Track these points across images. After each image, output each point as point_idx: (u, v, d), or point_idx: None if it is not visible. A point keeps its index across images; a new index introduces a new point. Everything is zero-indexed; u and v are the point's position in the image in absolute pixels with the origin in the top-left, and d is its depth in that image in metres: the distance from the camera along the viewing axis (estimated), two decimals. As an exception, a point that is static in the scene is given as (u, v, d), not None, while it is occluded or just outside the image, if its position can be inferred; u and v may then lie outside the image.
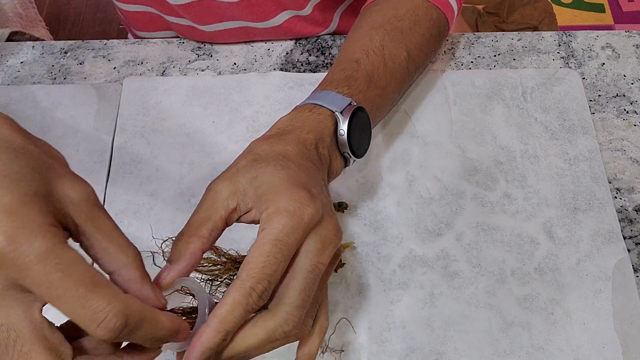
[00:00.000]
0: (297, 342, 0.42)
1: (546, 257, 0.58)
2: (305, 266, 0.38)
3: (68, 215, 0.32)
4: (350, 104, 0.51)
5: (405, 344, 0.54)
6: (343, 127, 0.49)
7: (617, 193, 0.62)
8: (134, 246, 0.35)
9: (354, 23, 0.64)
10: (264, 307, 0.38)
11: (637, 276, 0.58)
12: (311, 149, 0.47)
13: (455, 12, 0.65)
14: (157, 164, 0.64)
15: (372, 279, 0.57)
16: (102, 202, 0.61)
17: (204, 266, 0.56)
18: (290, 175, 0.41)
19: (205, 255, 0.58)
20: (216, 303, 0.37)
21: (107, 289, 0.31)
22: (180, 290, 0.40)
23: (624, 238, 0.59)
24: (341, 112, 0.50)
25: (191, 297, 0.41)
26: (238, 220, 0.42)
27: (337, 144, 0.50)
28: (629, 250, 0.59)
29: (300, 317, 0.38)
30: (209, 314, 0.37)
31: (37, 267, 0.29)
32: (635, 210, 0.61)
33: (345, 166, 0.52)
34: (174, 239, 0.58)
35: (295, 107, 0.51)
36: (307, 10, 0.72)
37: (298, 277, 0.38)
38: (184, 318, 0.39)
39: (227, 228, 0.58)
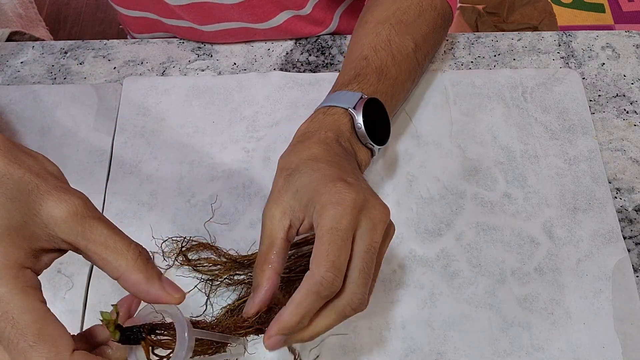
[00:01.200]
0: None
1: (546, 257, 0.58)
2: (362, 247, 0.42)
3: (55, 237, 0.33)
4: (361, 97, 0.53)
5: (405, 344, 0.54)
6: (359, 121, 0.52)
7: (617, 193, 0.62)
8: (135, 246, 0.35)
9: (359, 18, 0.65)
10: None
11: (637, 276, 0.58)
12: (334, 145, 0.49)
13: (457, 1, 0.66)
14: (157, 164, 0.64)
15: (372, 279, 0.57)
16: (102, 202, 0.61)
17: (204, 266, 0.57)
18: (323, 173, 0.44)
19: (205, 255, 0.58)
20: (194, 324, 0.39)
21: (48, 347, 0.30)
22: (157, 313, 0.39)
23: (624, 238, 0.59)
24: (354, 107, 0.52)
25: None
26: (299, 233, 0.46)
27: (358, 137, 0.53)
28: (629, 250, 0.59)
29: (364, 294, 0.42)
30: (187, 335, 0.37)
31: None
32: (635, 210, 0.61)
33: (372, 156, 0.55)
34: (174, 238, 0.58)
35: (311, 115, 0.54)
36: (307, 9, 0.72)
37: (357, 258, 0.41)
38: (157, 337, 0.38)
39: (227, 228, 0.59)
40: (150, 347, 0.37)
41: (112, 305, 0.35)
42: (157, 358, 0.38)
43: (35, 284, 0.32)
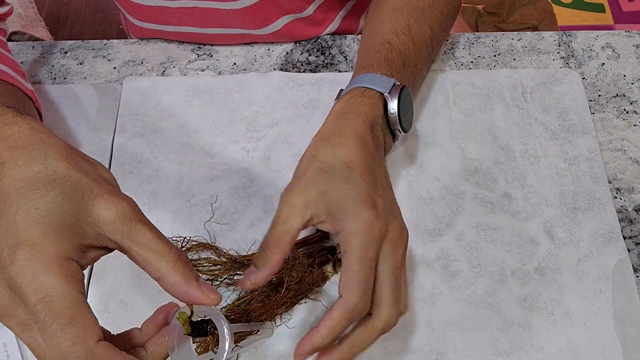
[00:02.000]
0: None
1: (546, 257, 0.58)
2: (387, 270, 0.45)
3: (103, 236, 0.36)
4: (394, 84, 0.54)
5: (405, 344, 0.54)
6: (393, 107, 0.54)
7: (617, 193, 0.62)
8: (175, 250, 0.37)
9: (372, 8, 0.66)
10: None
11: (637, 276, 0.58)
12: (368, 139, 0.50)
13: None
14: (157, 164, 0.64)
15: (372, 279, 0.57)
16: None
17: (204, 266, 0.56)
18: (357, 189, 0.46)
19: (205, 255, 0.58)
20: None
21: (77, 331, 0.33)
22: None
23: (624, 238, 0.59)
24: (389, 93, 0.54)
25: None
26: (314, 225, 0.47)
27: (387, 123, 0.54)
28: (629, 250, 0.59)
29: (398, 311, 0.45)
30: (228, 332, 0.40)
31: (31, 297, 0.33)
32: (635, 210, 0.61)
33: (394, 141, 0.56)
34: (174, 238, 0.58)
35: (345, 92, 0.54)
36: (309, 11, 0.72)
37: (386, 282, 0.45)
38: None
39: (227, 228, 0.59)
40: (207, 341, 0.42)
41: (187, 305, 0.38)
42: (200, 350, 0.42)
43: (79, 276, 0.35)
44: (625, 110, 0.67)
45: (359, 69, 0.58)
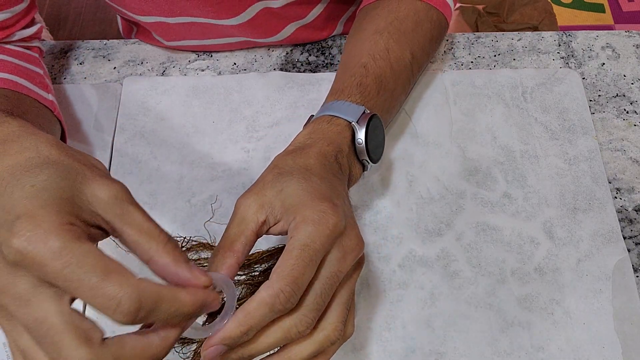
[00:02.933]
0: None
1: (546, 257, 0.58)
2: (325, 273, 0.41)
3: (97, 214, 0.35)
4: (364, 112, 0.53)
5: (405, 344, 0.54)
6: (360, 136, 0.52)
7: (617, 193, 0.62)
8: (165, 233, 0.36)
9: (354, 26, 0.64)
10: None
11: (637, 276, 0.58)
12: (332, 161, 0.49)
13: (452, 11, 0.66)
14: (157, 164, 0.64)
15: (372, 279, 0.57)
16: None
17: (204, 266, 0.56)
18: (314, 187, 0.43)
19: (205, 255, 0.58)
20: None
21: (119, 276, 0.32)
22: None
23: (624, 238, 0.59)
24: (357, 122, 0.52)
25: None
26: (267, 232, 0.44)
27: (355, 152, 0.52)
28: (629, 250, 0.59)
29: (313, 319, 0.40)
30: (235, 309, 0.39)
31: (52, 263, 0.31)
32: (635, 210, 0.61)
33: (364, 171, 0.55)
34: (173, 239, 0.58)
35: (313, 120, 0.53)
36: (310, 17, 0.72)
37: (317, 283, 0.40)
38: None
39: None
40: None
41: None
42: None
43: (89, 237, 0.34)
44: (625, 110, 0.67)
45: (332, 94, 0.56)
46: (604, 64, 0.71)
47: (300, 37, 0.72)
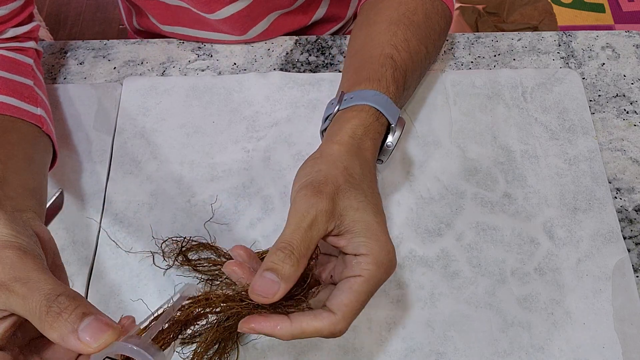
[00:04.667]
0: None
1: (546, 257, 0.58)
2: (367, 297, 0.43)
3: None
4: (400, 117, 0.53)
5: (405, 344, 0.54)
6: (392, 140, 0.53)
7: (617, 193, 0.62)
8: (44, 303, 0.34)
9: (361, 19, 0.63)
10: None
11: (637, 276, 0.58)
12: (373, 168, 0.50)
13: (454, 3, 0.66)
14: (157, 164, 0.64)
15: (372, 279, 0.57)
16: (102, 202, 0.61)
17: (204, 266, 0.56)
18: (380, 220, 0.44)
19: (205, 255, 0.58)
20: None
21: None
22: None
23: (624, 238, 0.59)
24: (395, 125, 0.52)
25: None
26: (324, 238, 0.44)
27: (380, 151, 0.53)
28: (629, 250, 0.59)
29: (346, 327, 0.42)
30: None
31: None
32: (635, 210, 0.61)
33: None
34: (174, 238, 0.58)
35: (359, 105, 0.51)
36: (296, 4, 0.72)
37: (360, 301, 0.42)
38: None
39: (227, 228, 0.59)
40: None
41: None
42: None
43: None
44: (625, 110, 0.67)
45: (366, 80, 0.54)
46: (604, 64, 0.71)
47: (283, 26, 0.72)
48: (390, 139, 0.52)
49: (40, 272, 0.35)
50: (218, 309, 0.42)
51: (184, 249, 0.57)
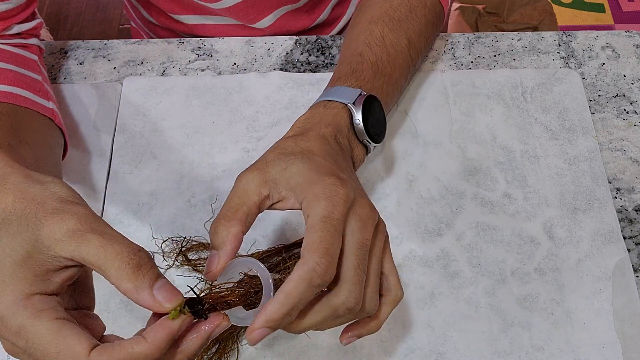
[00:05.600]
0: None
1: (546, 257, 0.58)
2: (352, 245, 0.41)
3: (58, 256, 0.35)
4: (360, 94, 0.53)
5: (405, 344, 0.54)
6: (358, 117, 0.52)
7: (617, 193, 0.62)
8: (125, 254, 0.36)
9: (352, 20, 0.65)
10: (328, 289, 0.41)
11: (637, 276, 0.58)
12: (331, 141, 0.49)
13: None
14: (157, 164, 0.64)
15: (372, 279, 0.57)
16: (102, 202, 0.61)
17: (204, 266, 0.56)
18: (318, 165, 0.44)
19: (205, 255, 0.58)
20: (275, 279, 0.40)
21: (71, 354, 0.34)
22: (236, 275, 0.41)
23: (624, 238, 0.59)
24: (353, 103, 0.52)
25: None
26: (271, 207, 0.44)
27: (355, 134, 0.53)
28: (629, 250, 0.59)
29: (360, 293, 0.41)
30: (273, 289, 0.39)
31: (19, 343, 0.35)
32: (635, 210, 0.61)
33: (367, 153, 0.55)
34: (174, 238, 0.58)
35: (310, 107, 0.54)
36: (302, 2, 0.73)
37: (349, 256, 0.41)
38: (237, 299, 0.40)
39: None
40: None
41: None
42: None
43: (45, 306, 0.35)
44: (625, 110, 0.67)
45: (329, 83, 0.57)
46: (604, 64, 0.71)
47: (289, 22, 0.73)
48: (356, 116, 0.52)
49: (112, 229, 0.37)
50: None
51: (184, 249, 0.57)
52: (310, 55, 0.72)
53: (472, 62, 0.71)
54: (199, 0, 0.69)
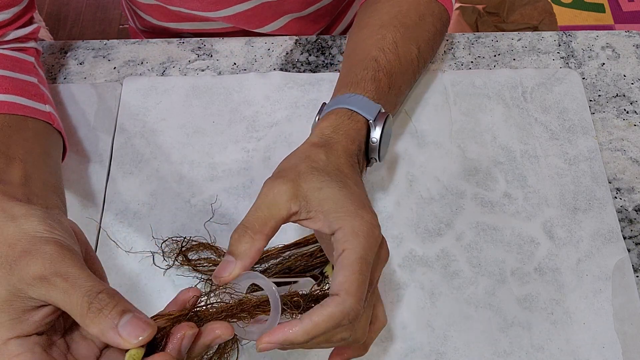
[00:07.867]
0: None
1: (546, 257, 0.58)
2: (361, 266, 0.41)
3: (31, 298, 0.36)
4: (380, 111, 0.53)
5: (405, 344, 0.54)
6: (375, 136, 0.52)
7: (617, 193, 0.62)
8: (86, 298, 0.35)
9: (356, 20, 0.64)
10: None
11: (637, 276, 0.58)
12: (354, 160, 0.49)
13: (453, 5, 0.66)
14: (157, 164, 0.64)
15: (372, 279, 0.57)
16: (102, 202, 0.61)
17: (204, 266, 0.56)
18: (353, 194, 0.44)
19: (205, 255, 0.58)
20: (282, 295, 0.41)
21: None
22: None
23: (624, 238, 0.59)
24: (374, 120, 0.52)
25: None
26: (295, 221, 0.44)
27: (366, 150, 0.53)
28: (629, 250, 0.59)
29: (358, 304, 0.41)
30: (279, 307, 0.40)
31: None
32: (635, 210, 0.61)
33: (367, 167, 0.55)
34: (174, 238, 0.58)
35: (332, 111, 0.52)
36: (307, 12, 0.72)
37: (355, 272, 0.41)
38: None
39: (227, 228, 0.59)
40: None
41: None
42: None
43: (21, 349, 0.35)
44: (625, 110, 0.67)
45: (345, 85, 0.55)
46: (604, 64, 0.71)
47: (293, 28, 0.72)
48: (373, 134, 0.52)
49: (78, 267, 0.36)
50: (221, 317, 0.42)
51: (184, 249, 0.57)
52: (310, 55, 0.72)
53: (472, 62, 0.71)
54: (196, 11, 0.69)
